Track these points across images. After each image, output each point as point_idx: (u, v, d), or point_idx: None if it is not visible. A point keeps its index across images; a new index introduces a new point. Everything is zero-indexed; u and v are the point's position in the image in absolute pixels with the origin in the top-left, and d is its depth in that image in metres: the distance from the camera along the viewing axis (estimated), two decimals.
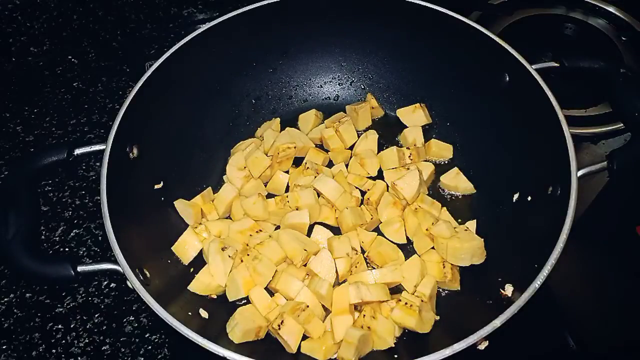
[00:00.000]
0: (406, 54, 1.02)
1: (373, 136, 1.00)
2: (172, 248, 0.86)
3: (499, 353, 0.71)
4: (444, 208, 0.92)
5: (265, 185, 0.96)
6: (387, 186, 0.94)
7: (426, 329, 0.77)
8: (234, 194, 0.92)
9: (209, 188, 0.95)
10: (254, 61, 1.03)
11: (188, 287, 0.82)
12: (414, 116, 1.02)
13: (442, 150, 0.99)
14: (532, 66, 0.83)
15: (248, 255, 0.84)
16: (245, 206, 0.90)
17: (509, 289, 0.74)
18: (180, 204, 0.90)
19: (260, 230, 0.88)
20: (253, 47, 1.00)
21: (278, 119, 1.04)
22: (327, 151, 1.00)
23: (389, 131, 1.03)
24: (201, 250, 0.87)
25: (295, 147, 0.96)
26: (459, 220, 0.91)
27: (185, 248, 0.86)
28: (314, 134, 1.02)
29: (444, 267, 0.83)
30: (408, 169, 0.92)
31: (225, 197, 0.92)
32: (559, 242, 0.67)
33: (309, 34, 1.02)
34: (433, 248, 0.86)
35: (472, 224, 0.89)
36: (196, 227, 0.88)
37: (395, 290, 0.84)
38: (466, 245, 0.81)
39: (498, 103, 0.91)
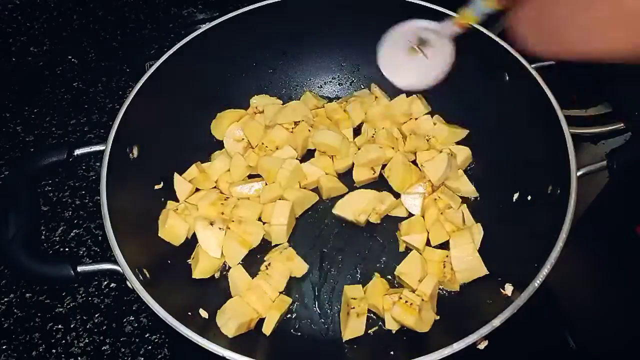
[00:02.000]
0: None
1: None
2: (159, 235, 0.85)
3: (498, 353, 0.71)
4: (464, 204, 0.91)
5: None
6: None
7: (425, 328, 0.76)
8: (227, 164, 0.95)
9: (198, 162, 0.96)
10: (254, 61, 1.03)
11: (193, 276, 0.83)
12: (413, 107, 1.01)
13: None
14: (532, 66, 0.83)
15: (233, 222, 0.87)
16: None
17: (508, 289, 0.74)
18: (178, 179, 0.91)
19: (227, 198, 0.91)
20: (253, 47, 1.00)
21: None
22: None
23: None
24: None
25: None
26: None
27: (174, 231, 0.86)
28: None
29: (444, 267, 0.83)
30: (441, 151, 0.93)
31: (220, 168, 0.94)
32: (559, 241, 0.68)
33: (309, 34, 1.02)
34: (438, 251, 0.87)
35: (477, 228, 0.87)
36: (176, 210, 0.88)
37: (397, 285, 0.84)
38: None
39: (498, 103, 0.91)
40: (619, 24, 0.44)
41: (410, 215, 0.91)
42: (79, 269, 0.71)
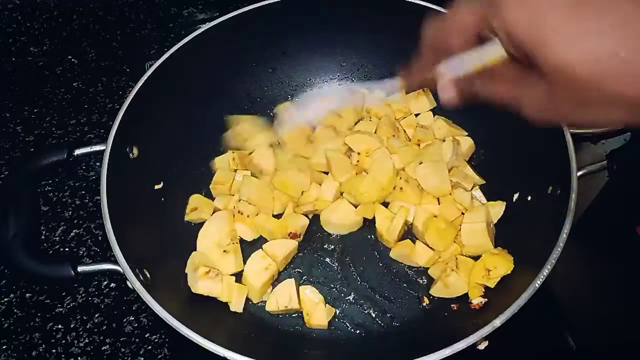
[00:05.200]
0: (406, 54, 1.01)
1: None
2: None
3: (499, 353, 0.71)
4: (478, 186, 0.92)
5: None
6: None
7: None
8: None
9: None
10: (254, 61, 1.03)
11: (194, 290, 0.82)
12: (418, 102, 1.01)
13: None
14: None
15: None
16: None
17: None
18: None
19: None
20: (253, 47, 1.00)
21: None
22: None
23: None
24: None
25: None
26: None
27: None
28: None
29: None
30: (444, 141, 0.93)
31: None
32: (559, 241, 0.67)
33: (309, 34, 1.02)
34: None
35: (499, 206, 0.88)
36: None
37: None
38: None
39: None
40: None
41: None
42: (79, 269, 0.71)
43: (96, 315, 0.88)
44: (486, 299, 0.78)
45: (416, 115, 1.01)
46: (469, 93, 0.57)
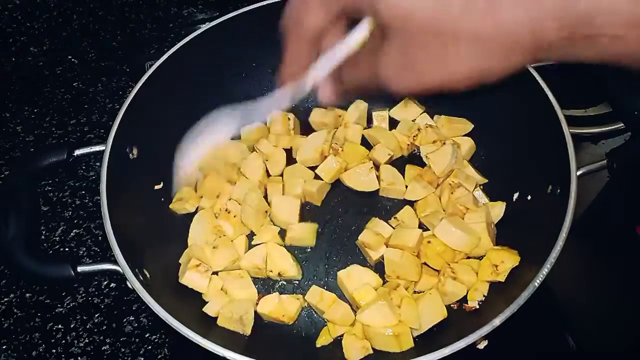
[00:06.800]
0: None
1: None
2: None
3: (498, 353, 0.71)
4: (481, 186, 0.91)
5: None
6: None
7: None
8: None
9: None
10: (254, 61, 1.02)
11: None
12: (408, 110, 1.01)
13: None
14: (532, 66, 0.82)
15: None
16: None
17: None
18: None
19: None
20: (253, 47, 1.00)
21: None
22: None
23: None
24: None
25: None
26: None
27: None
28: None
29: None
30: (444, 143, 0.93)
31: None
32: (559, 241, 0.67)
33: None
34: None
35: (500, 206, 0.88)
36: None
37: None
38: None
39: (497, 103, 0.90)
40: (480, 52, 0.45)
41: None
42: (79, 269, 0.71)
43: (96, 315, 0.88)
44: (479, 307, 0.78)
45: (413, 121, 1.00)
46: (342, 87, 0.58)
